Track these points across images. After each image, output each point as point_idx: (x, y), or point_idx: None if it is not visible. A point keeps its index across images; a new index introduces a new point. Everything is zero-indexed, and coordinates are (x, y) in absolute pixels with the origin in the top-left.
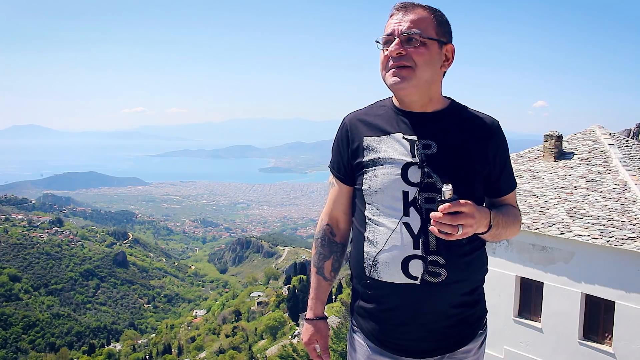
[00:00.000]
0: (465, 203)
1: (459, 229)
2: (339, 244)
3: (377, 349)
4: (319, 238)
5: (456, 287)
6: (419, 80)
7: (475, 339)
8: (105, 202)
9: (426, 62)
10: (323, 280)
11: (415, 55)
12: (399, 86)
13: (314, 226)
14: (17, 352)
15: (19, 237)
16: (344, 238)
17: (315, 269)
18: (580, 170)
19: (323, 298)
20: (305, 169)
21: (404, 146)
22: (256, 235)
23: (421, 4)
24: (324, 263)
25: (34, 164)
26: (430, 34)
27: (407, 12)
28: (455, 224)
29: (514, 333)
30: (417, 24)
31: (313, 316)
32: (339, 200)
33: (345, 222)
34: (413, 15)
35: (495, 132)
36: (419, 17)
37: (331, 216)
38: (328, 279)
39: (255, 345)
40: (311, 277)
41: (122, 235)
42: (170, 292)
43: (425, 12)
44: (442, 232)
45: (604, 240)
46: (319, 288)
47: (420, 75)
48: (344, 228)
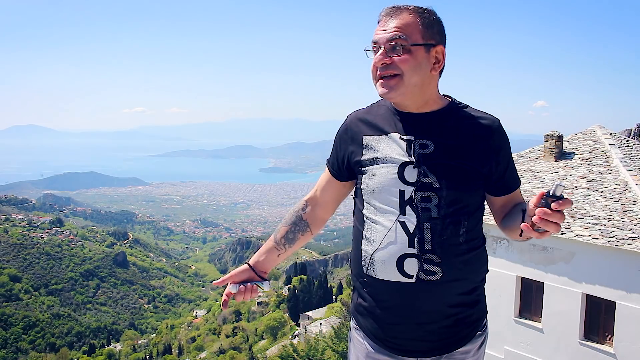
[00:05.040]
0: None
1: (560, 227)
2: (304, 221)
3: (376, 346)
4: (292, 208)
5: (453, 286)
6: (407, 88)
7: (474, 340)
8: (105, 202)
9: (412, 68)
10: (273, 240)
11: (401, 64)
12: (388, 96)
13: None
14: (18, 353)
15: (19, 237)
16: (311, 220)
17: (275, 231)
18: (580, 171)
19: (264, 256)
20: (305, 169)
21: (400, 146)
22: (256, 235)
23: (408, 6)
24: (281, 227)
25: (34, 164)
26: (415, 40)
27: (392, 17)
28: (556, 222)
29: (515, 333)
30: (401, 30)
31: (250, 262)
32: (325, 190)
33: (322, 209)
34: (397, 21)
35: (495, 130)
36: (403, 23)
37: (312, 198)
38: (276, 242)
39: (256, 345)
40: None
41: (122, 235)
42: (170, 292)
43: (411, 16)
44: (538, 230)
45: (604, 240)
46: (267, 247)
47: (408, 82)
48: (317, 213)
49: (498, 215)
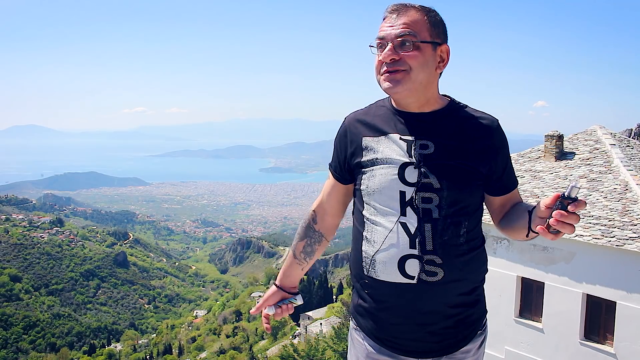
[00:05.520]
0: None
1: (574, 228)
2: (317, 232)
3: (377, 347)
4: (302, 220)
5: (454, 286)
6: (414, 83)
7: (475, 339)
8: (105, 202)
9: (421, 65)
10: (293, 257)
11: (410, 60)
12: (394, 90)
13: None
14: (18, 353)
15: (19, 238)
16: (324, 229)
17: (291, 247)
18: (581, 171)
19: (289, 273)
20: (305, 169)
21: (400, 146)
22: (257, 235)
23: (414, 5)
24: (297, 243)
25: (35, 164)
26: (424, 37)
27: (400, 14)
28: (571, 224)
29: (515, 333)
30: (410, 27)
31: (277, 283)
32: (331, 195)
33: (332, 216)
34: (406, 18)
35: (495, 131)
36: (412, 20)
37: (319, 206)
38: (297, 258)
39: (256, 345)
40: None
41: (122, 235)
42: (170, 292)
43: (419, 13)
44: (553, 231)
45: (605, 240)
46: (288, 263)
47: (415, 78)
48: (328, 221)
49: (496, 215)
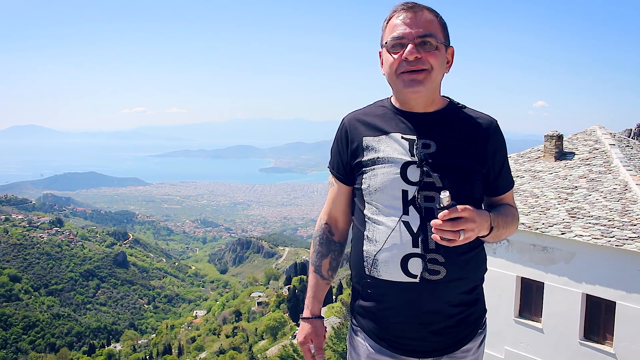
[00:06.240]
0: (465, 208)
1: (460, 234)
2: (337, 242)
3: (378, 347)
4: (317, 237)
5: (455, 285)
6: (433, 83)
7: (475, 338)
8: (105, 202)
9: (440, 65)
10: (320, 278)
11: (431, 59)
12: (416, 89)
13: (315, 226)
14: (17, 353)
15: (19, 238)
16: (342, 237)
17: (313, 268)
18: (581, 171)
19: (320, 297)
20: (305, 169)
21: (402, 146)
22: (256, 235)
23: (425, 5)
24: (322, 261)
25: (34, 164)
26: (440, 38)
27: (417, 14)
28: (456, 230)
29: (515, 333)
30: (429, 27)
31: (310, 315)
32: (338, 200)
33: (344, 221)
34: (423, 18)
35: (493, 131)
36: (429, 20)
37: (330, 215)
38: (325, 278)
39: (256, 345)
40: (309, 276)
41: (122, 235)
42: (170, 292)
43: (432, 14)
44: (444, 239)
45: (604, 240)
46: (317, 287)
47: (435, 78)
48: (342, 227)
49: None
